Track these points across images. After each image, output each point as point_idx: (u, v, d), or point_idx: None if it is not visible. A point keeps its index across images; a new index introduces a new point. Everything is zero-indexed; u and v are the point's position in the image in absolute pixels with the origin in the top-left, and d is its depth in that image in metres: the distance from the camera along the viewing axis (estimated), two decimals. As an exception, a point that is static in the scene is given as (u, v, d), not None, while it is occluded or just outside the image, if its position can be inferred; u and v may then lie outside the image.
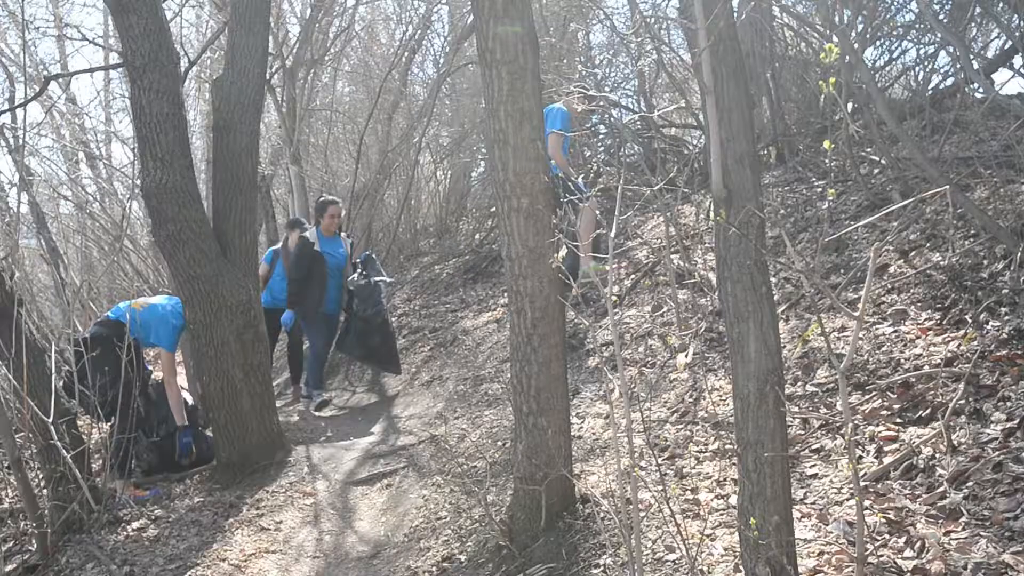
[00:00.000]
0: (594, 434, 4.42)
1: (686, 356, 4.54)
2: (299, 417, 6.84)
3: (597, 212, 4.63)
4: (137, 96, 5.02)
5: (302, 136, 10.35)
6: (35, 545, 4.54)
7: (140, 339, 5.43)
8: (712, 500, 3.37)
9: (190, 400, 5.97)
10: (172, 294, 7.85)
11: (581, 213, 5.82)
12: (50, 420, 4.55)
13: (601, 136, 9.21)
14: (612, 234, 2.84)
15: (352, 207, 10.24)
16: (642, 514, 3.26)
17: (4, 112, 6.47)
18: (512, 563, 3.46)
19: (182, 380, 6.23)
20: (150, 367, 5.95)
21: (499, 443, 4.83)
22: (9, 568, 4.48)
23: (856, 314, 1.86)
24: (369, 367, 7.69)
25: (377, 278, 7.04)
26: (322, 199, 7.36)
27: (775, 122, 7.03)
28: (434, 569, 3.81)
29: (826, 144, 1.93)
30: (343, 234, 7.28)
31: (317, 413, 6.86)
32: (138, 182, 10.00)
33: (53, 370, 4.89)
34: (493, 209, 10.94)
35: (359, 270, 7.13)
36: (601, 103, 7.14)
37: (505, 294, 7.92)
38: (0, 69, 10.67)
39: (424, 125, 10.40)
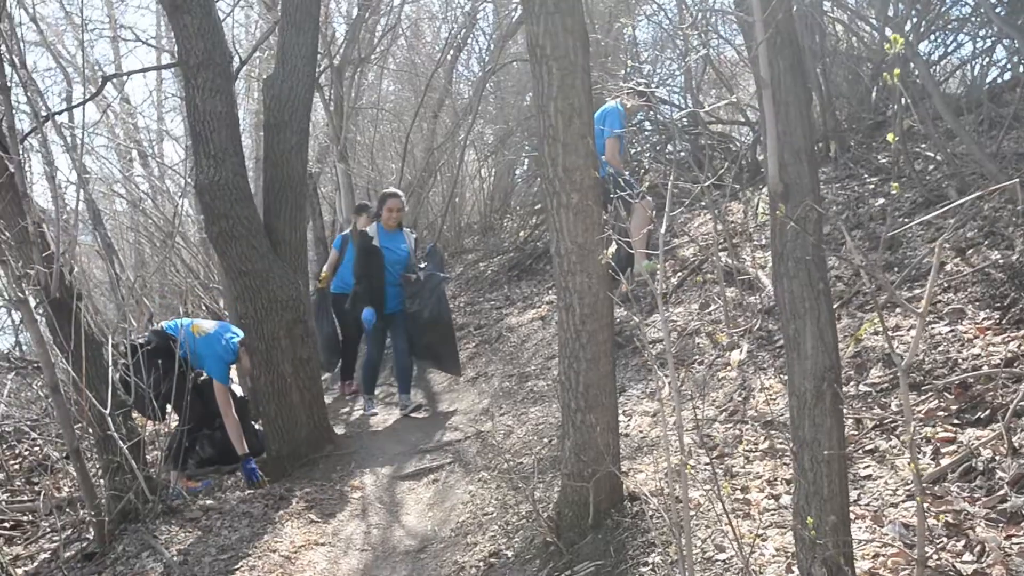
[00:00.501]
0: (641, 432, 4.40)
1: (740, 353, 4.49)
2: (347, 412, 6.92)
3: (650, 210, 4.59)
4: (191, 95, 5.12)
5: (349, 134, 10.45)
6: (92, 533, 4.65)
7: (192, 363, 5.42)
8: (763, 500, 3.33)
9: (240, 392, 6.07)
10: (225, 308, 7.97)
11: (633, 210, 5.80)
12: (107, 411, 4.66)
13: (647, 133, 9.15)
14: (662, 231, 2.82)
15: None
16: (692, 513, 3.23)
17: (62, 112, 6.63)
18: (559, 560, 3.46)
19: (232, 373, 6.33)
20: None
21: (545, 440, 4.83)
22: (68, 555, 4.60)
23: (919, 311, 1.83)
24: (424, 365, 7.38)
25: (429, 272, 6.63)
26: (383, 192, 7.10)
27: (826, 118, 6.92)
28: (481, 564, 3.83)
29: (890, 137, 1.90)
30: (407, 229, 6.91)
31: (368, 415, 6.65)
32: (190, 180, 10.22)
33: (110, 363, 5.01)
34: (538, 206, 10.96)
35: (422, 264, 6.79)
36: (652, 100, 7.09)
37: (550, 291, 7.94)
38: (58, 70, 10.95)
39: (469, 123, 10.43)
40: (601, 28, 9.55)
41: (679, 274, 6.24)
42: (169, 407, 5.78)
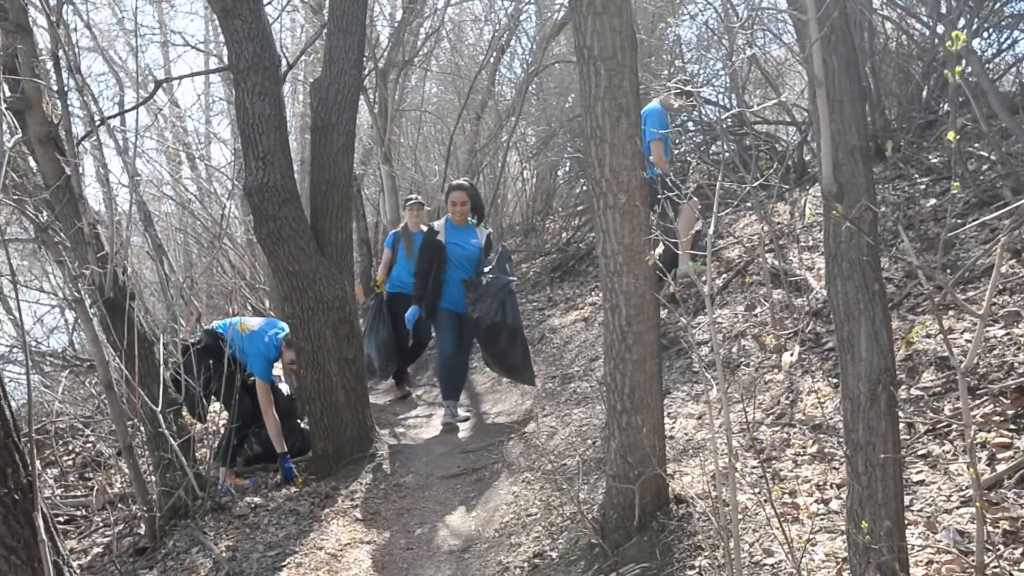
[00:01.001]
0: (686, 434, 4.36)
1: (791, 355, 4.44)
2: (390, 410, 6.97)
3: (696, 210, 4.56)
4: (241, 98, 5.20)
5: (392, 136, 10.53)
6: (144, 528, 4.75)
7: (241, 361, 5.51)
8: (811, 505, 3.28)
9: (286, 390, 6.15)
10: (271, 308, 8.02)
11: (680, 211, 5.76)
12: (158, 409, 4.75)
13: (691, 133, 9.09)
14: (711, 231, 2.80)
15: (442, 205, 10.37)
16: (739, 516, 3.20)
17: (115, 116, 6.79)
18: (604, 561, 3.45)
19: (279, 372, 6.41)
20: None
21: (589, 441, 4.82)
22: (120, 549, 4.71)
23: (979, 313, 1.79)
24: (497, 373, 6.83)
25: (494, 276, 6.09)
26: (449, 184, 6.92)
27: (875, 117, 6.81)
28: (525, 565, 3.83)
29: (950, 135, 1.86)
30: (480, 224, 6.48)
31: (443, 426, 6.20)
32: (236, 182, 10.36)
33: (161, 361, 5.12)
34: (581, 208, 10.94)
35: (486, 267, 6.25)
36: (696, 100, 7.03)
37: (593, 292, 7.93)
38: (110, 75, 11.20)
39: (512, 124, 10.45)
40: (645, 28, 9.51)
41: (724, 276, 6.18)
42: (217, 405, 5.89)
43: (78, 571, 2.76)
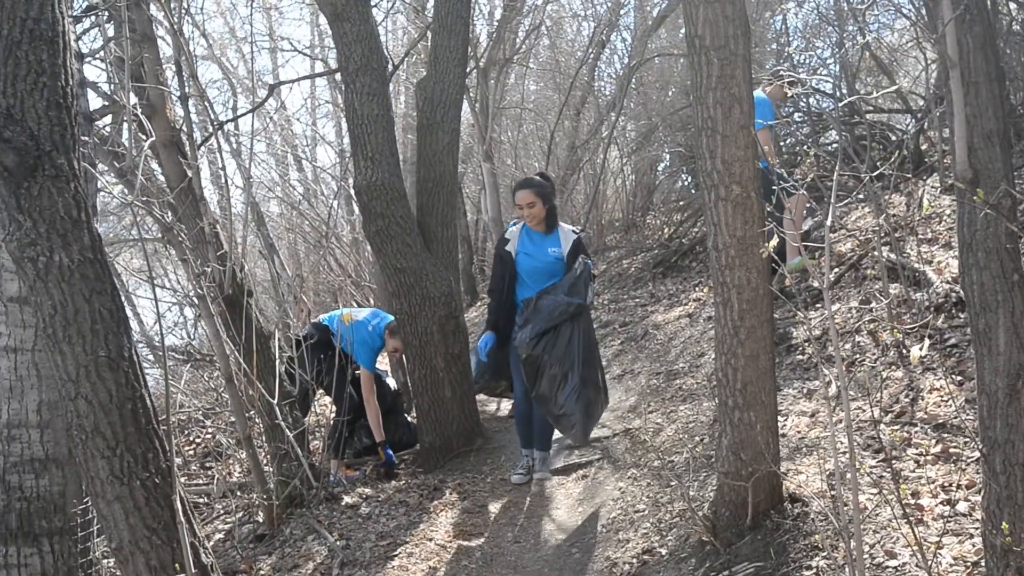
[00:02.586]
0: (799, 432, 4.25)
1: (920, 349, 4.27)
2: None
3: (808, 203, 4.42)
4: (350, 99, 5.35)
5: (493, 134, 10.63)
6: (262, 516, 4.95)
7: (345, 350, 5.66)
8: (936, 506, 3.15)
9: (393, 385, 6.29)
10: (377, 305, 8.19)
11: (792, 204, 5.61)
12: (275, 401, 4.94)
13: (798, 123, 8.83)
14: (828, 223, 2.72)
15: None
16: (861, 517, 3.10)
17: (233, 119, 7.10)
18: (716, 559, 3.39)
19: (386, 366, 6.57)
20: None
21: (696, 438, 4.75)
22: (241, 536, 4.92)
23: None
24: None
25: (552, 297, 4.82)
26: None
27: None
28: (634, 561, 3.80)
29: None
30: (568, 227, 5.07)
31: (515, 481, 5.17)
32: (342, 183, 10.64)
33: (276, 356, 5.32)
34: (682, 203, 10.78)
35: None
36: (804, 88, 6.83)
37: (697, 288, 7.80)
38: (223, 81, 11.70)
39: (613, 120, 10.39)
40: (748, 16, 9.28)
41: (836, 270, 5.98)
42: (326, 399, 6.08)
43: (212, 554, 2.90)
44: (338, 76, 9.92)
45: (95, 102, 5.43)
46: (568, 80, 10.65)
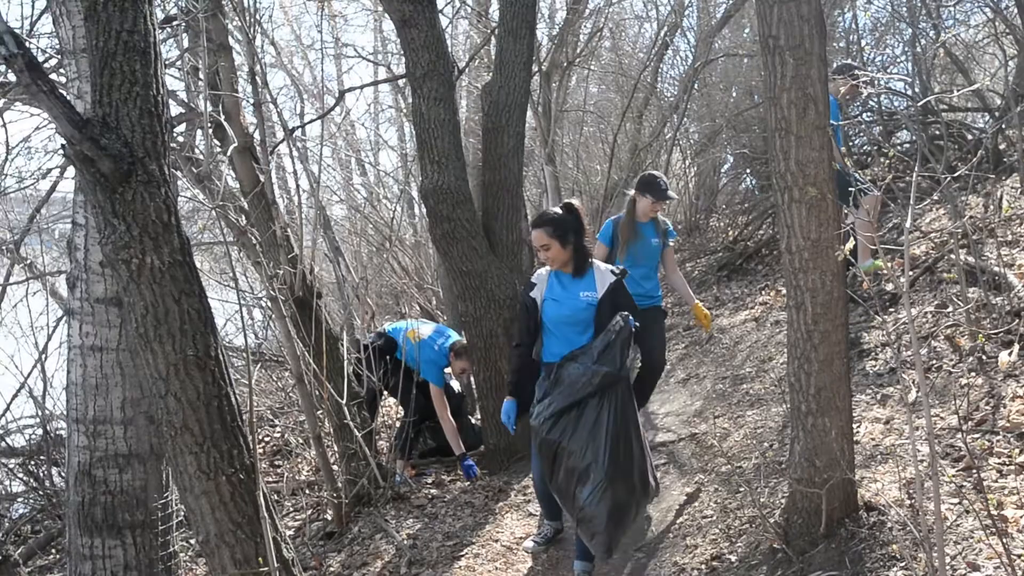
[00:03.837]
0: (873, 440, 4.16)
1: (1009, 354, 4.15)
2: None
3: (879, 205, 4.32)
4: (417, 104, 5.41)
5: (554, 137, 10.63)
6: (331, 514, 5.04)
7: (411, 366, 5.67)
8: (1020, 518, 3.06)
9: (457, 388, 6.33)
10: (439, 306, 8.22)
11: (865, 206, 5.49)
12: (343, 402, 5.03)
13: (868, 123, 8.63)
14: (907, 225, 2.67)
15: (603, 205, 10.37)
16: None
17: (304, 125, 7.25)
18: (789, 567, 3.34)
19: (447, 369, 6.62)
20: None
21: (765, 444, 4.68)
22: (311, 533, 5.02)
23: None
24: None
25: (574, 364, 3.80)
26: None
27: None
28: (703, 567, 3.78)
29: None
30: (605, 267, 4.01)
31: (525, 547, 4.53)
32: (404, 187, 10.74)
33: (345, 357, 5.41)
34: (746, 205, 10.62)
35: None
36: (871, 86, 6.68)
37: (763, 292, 7.68)
38: (291, 87, 11.95)
39: (677, 122, 10.30)
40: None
41: (911, 273, 5.84)
42: (391, 400, 6.15)
43: (293, 549, 2.97)
44: (402, 81, 10.09)
45: (173, 109, 5.60)
46: (630, 82, 10.59)
